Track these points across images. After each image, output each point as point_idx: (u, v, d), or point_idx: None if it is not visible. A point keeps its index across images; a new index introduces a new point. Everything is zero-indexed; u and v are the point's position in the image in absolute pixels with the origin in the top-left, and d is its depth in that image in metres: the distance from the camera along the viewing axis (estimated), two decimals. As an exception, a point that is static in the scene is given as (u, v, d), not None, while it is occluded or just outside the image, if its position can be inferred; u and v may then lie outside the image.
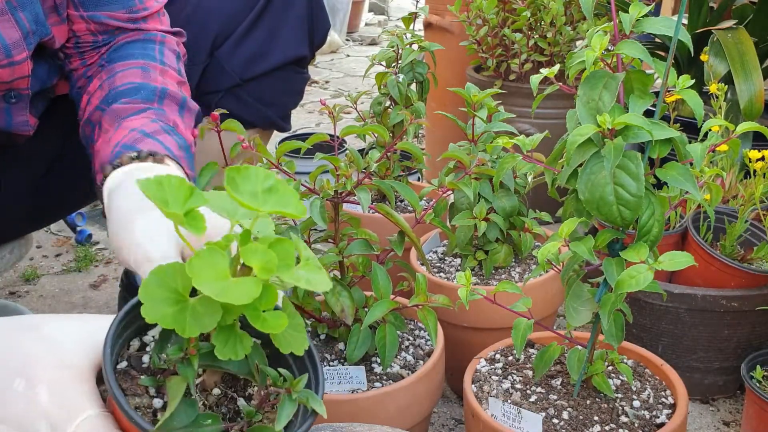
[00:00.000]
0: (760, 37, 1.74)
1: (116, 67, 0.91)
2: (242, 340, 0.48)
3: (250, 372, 0.52)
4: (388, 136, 1.12)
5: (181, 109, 0.91)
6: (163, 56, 0.95)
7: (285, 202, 0.46)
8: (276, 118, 1.27)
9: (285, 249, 0.46)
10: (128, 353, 0.52)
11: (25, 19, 0.85)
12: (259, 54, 1.20)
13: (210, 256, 0.44)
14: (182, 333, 0.45)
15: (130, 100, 0.86)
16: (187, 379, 0.48)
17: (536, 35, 1.92)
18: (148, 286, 0.45)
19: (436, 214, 1.09)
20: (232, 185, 0.45)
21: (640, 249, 0.76)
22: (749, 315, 1.22)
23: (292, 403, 0.51)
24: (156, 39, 0.96)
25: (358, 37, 4.81)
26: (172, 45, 0.98)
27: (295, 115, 3.05)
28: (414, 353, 1.04)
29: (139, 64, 0.91)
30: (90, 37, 0.94)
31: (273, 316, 0.46)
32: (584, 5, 0.76)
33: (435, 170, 2.03)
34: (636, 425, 0.88)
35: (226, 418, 0.52)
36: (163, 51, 0.95)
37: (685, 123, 1.62)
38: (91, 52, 0.95)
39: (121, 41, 0.94)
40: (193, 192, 0.46)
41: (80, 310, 1.60)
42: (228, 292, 0.43)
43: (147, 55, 0.93)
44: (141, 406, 0.50)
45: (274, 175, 0.47)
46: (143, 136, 0.81)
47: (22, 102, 0.93)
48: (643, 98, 0.76)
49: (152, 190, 0.45)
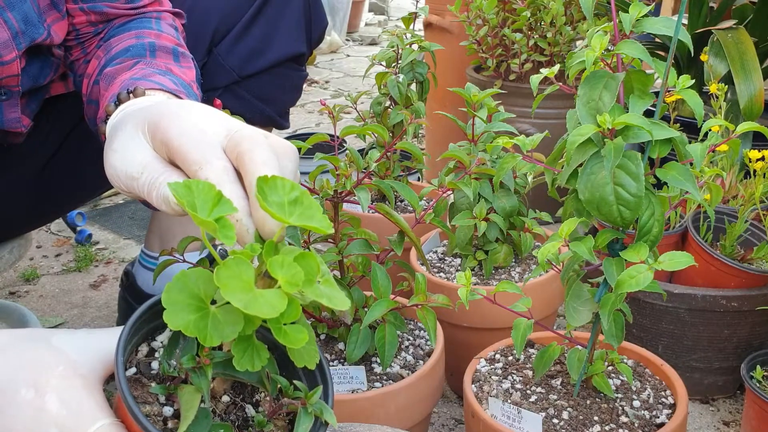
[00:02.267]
0: (760, 37, 1.75)
1: (111, 42, 0.92)
2: (259, 352, 0.48)
3: (260, 380, 0.52)
4: (388, 136, 1.12)
5: (175, 57, 0.89)
6: (159, 26, 0.95)
7: (310, 214, 0.46)
8: (274, 116, 1.28)
9: (309, 264, 0.46)
10: (137, 359, 0.52)
11: (13, 19, 0.86)
12: (257, 51, 1.21)
13: (237, 266, 0.44)
14: (203, 341, 0.44)
15: (121, 60, 0.86)
16: (201, 390, 0.48)
17: (536, 35, 1.92)
18: (171, 292, 0.45)
19: (436, 214, 1.09)
20: (261, 194, 0.45)
21: (640, 249, 0.76)
22: (749, 315, 1.22)
23: (308, 417, 0.51)
24: (152, 17, 0.96)
25: (358, 37, 4.80)
26: (168, 20, 0.97)
27: (295, 115, 3.05)
28: (414, 353, 1.04)
29: (132, 35, 0.91)
30: (90, 27, 0.94)
31: (294, 330, 0.46)
32: (584, 5, 0.76)
33: (435, 170, 2.03)
34: (636, 425, 0.88)
35: (236, 426, 0.52)
36: (160, 23, 0.96)
37: (685, 123, 1.62)
38: (91, 39, 0.95)
39: (117, 23, 0.95)
40: (221, 198, 0.46)
41: (80, 310, 1.60)
42: (255, 305, 0.43)
43: (142, 26, 0.94)
44: (151, 414, 0.50)
45: (299, 186, 0.47)
46: (134, 81, 0.78)
47: (12, 99, 0.93)
48: (643, 98, 0.76)
49: (181, 192, 0.45)
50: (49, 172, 1.16)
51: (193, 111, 0.60)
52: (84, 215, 1.92)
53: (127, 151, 0.61)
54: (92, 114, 0.88)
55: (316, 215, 0.46)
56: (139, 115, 0.62)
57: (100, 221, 2.03)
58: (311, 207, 0.46)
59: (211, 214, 0.45)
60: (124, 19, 0.95)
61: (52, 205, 1.25)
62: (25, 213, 1.18)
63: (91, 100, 0.88)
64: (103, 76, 0.85)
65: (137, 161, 0.60)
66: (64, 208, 1.36)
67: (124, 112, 0.69)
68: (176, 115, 0.59)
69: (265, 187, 0.45)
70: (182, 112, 0.60)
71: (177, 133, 0.57)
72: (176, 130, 0.57)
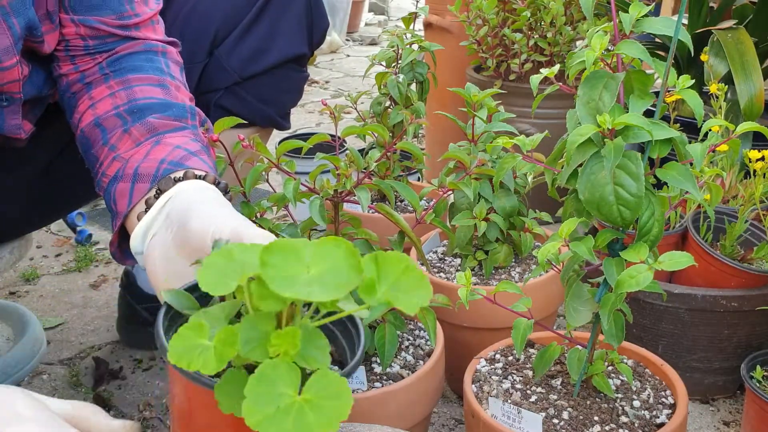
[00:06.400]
0: (760, 37, 1.74)
1: (130, 78, 0.91)
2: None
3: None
4: (388, 136, 1.12)
5: (202, 125, 0.92)
6: (169, 69, 0.95)
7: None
8: (275, 117, 1.27)
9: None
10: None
11: (17, 24, 0.85)
12: (258, 52, 1.21)
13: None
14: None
15: (163, 116, 0.87)
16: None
17: (536, 35, 1.92)
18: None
19: (436, 214, 1.09)
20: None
21: (640, 249, 0.76)
22: (749, 315, 1.22)
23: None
24: (158, 50, 0.96)
25: (358, 37, 4.80)
26: (174, 56, 0.97)
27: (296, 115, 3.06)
28: (414, 353, 1.04)
29: (154, 81, 0.91)
30: (80, 41, 0.93)
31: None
32: (584, 5, 0.76)
33: (435, 170, 2.03)
34: (636, 425, 0.88)
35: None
36: (168, 64, 0.95)
37: (685, 123, 1.62)
38: (84, 57, 0.94)
39: (122, 52, 0.94)
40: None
41: (80, 310, 1.60)
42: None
43: (156, 69, 0.93)
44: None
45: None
46: (189, 154, 0.82)
47: (14, 105, 0.93)
48: (643, 98, 0.76)
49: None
50: (52, 174, 1.16)
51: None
52: (84, 215, 1.92)
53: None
54: (97, 135, 0.89)
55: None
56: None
57: (100, 221, 2.03)
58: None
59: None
60: (126, 47, 0.94)
61: (54, 206, 1.25)
62: (27, 214, 1.19)
63: (100, 124, 0.88)
64: (145, 122, 0.86)
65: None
66: (65, 209, 1.36)
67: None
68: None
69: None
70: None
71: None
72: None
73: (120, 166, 0.84)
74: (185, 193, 0.76)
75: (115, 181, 0.83)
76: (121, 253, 0.85)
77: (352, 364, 0.56)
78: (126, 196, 0.81)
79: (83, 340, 1.50)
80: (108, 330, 1.53)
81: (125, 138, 0.86)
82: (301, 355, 0.48)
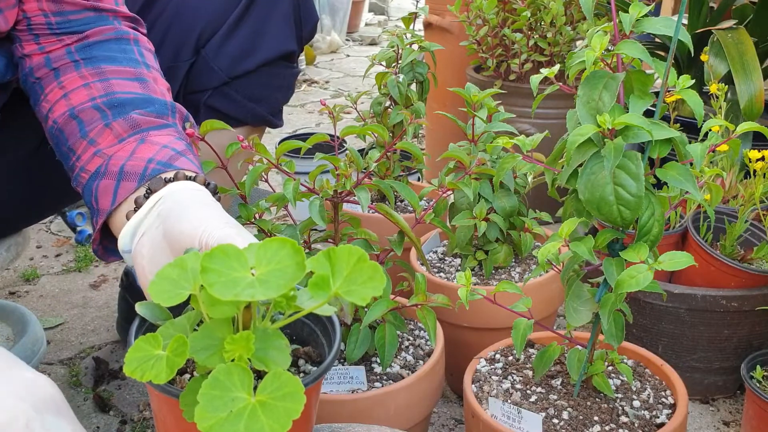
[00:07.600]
0: (760, 37, 1.74)
1: (105, 70, 0.89)
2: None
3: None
4: (388, 136, 1.12)
5: (184, 121, 0.91)
6: (144, 58, 0.93)
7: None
8: (267, 115, 1.25)
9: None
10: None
11: None
12: (246, 50, 1.18)
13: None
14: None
15: (145, 113, 0.85)
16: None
17: (536, 35, 1.92)
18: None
19: (436, 214, 1.09)
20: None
21: (640, 249, 0.76)
22: (749, 315, 1.22)
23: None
24: (129, 38, 0.93)
25: (358, 37, 4.80)
26: (145, 43, 0.95)
27: (295, 115, 3.06)
28: (414, 353, 1.04)
29: (131, 74, 0.89)
30: (42, 18, 0.90)
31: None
32: (584, 5, 0.76)
33: (435, 170, 2.03)
34: (636, 425, 0.88)
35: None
36: (142, 52, 0.93)
37: (685, 123, 1.62)
38: (49, 37, 0.91)
39: (92, 38, 0.91)
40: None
41: (80, 310, 1.60)
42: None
43: (131, 60, 0.91)
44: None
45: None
46: (176, 154, 0.82)
47: None
48: (643, 98, 0.76)
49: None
50: (42, 155, 1.12)
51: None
52: (84, 215, 1.92)
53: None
54: (73, 129, 0.86)
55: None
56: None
57: (100, 221, 2.03)
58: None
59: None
60: (95, 33, 0.91)
61: (47, 193, 1.21)
62: (20, 201, 1.15)
63: (77, 116, 0.86)
64: (128, 118, 0.85)
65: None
66: (59, 198, 1.33)
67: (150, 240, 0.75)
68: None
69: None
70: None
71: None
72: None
73: (102, 162, 0.82)
74: (176, 194, 0.75)
75: (97, 177, 0.82)
76: (104, 250, 0.84)
77: (327, 362, 0.57)
78: (110, 193, 0.80)
79: (83, 340, 1.50)
80: (108, 330, 1.53)
81: (106, 132, 0.84)
82: (258, 357, 0.49)
